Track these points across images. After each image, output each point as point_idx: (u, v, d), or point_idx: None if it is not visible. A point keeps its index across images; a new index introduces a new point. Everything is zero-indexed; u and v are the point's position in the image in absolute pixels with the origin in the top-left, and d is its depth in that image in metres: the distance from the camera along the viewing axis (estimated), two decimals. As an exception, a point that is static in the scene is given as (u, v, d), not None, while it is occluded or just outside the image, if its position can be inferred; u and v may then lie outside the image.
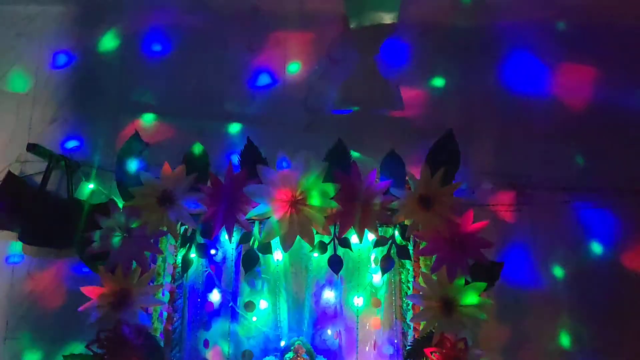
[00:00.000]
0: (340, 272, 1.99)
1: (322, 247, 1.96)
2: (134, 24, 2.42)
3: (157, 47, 2.41)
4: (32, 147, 2.16)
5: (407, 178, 1.95)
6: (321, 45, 2.37)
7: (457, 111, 2.29)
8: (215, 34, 2.41)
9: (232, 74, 2.36)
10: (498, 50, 2.36)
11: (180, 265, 2.05)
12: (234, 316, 2.13)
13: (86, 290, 1.89)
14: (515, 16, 2.37)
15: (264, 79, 2.37)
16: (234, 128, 2.31)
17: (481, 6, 2.33)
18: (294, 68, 2.37)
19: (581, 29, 2.37)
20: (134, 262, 1.91)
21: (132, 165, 2.01)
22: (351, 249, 1.98)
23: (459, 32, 2.37)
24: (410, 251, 2.01)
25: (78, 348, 2.01)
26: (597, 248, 2.18)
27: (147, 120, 2.32)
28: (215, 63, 2.38)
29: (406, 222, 1.94)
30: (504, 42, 2.37)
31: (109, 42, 2.41)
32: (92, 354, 1.85)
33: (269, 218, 1.88)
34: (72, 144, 2.29)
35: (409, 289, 2.05)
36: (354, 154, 2.03)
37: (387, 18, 2.25)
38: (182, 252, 2.05)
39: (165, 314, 2.04)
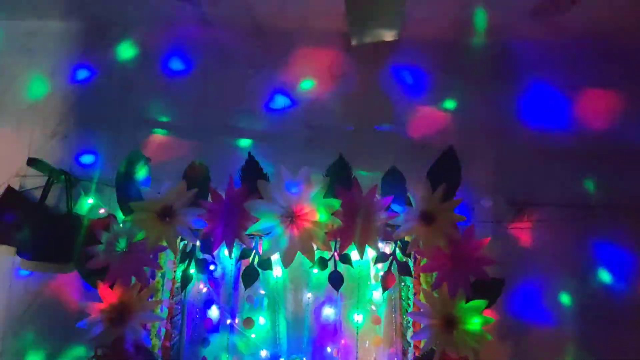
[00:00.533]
0: (340, 289, 1.98)
1: (323, 263, 1.96)
2: (145, 40, 2.45)
3: (160, 64, 2.43)
4: (32, 162, 2.15)
5: (408, 194, 1.95)
6: (326, 64, 2.39)
7: (459, 129, 2.31)
8: (218, 52, 2.43)
9: (234, 92, 2.38)
10: (506, 72, 2.40)
11: (179, 281, 2.04)
12: (232, 333, 2.11)
13: (85, 305, 1.88)
14: (524, 38, 2.41)
15: (269, 97, 2.39)
16: (238, 143, 2.32)
17: (491, 27, 2.35)
18: (304, 85, 2.39)
19: (590, 51, 2.40)
20: (133, 278, 1.90)
21: (133, 179, 2.00)
22: (352, 265, 1.97)
23: (467, 52, 2.41)
24: (411, 268, 2.00)
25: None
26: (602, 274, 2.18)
27: (150, 135, 2.33)
28: (218, 81, 2.40)
29: (407, 238, 1.94)
30: (512, 64, 2.40)
31: (114, 58, 2.43)
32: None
33: (269, 234, 1.87)
34: (73, 158, 2.29)
35: (410, 306, 2.04)
36: (362, 173, 2.04)
37: (389, 36, 2.26)
38: (181, 267, 2.04)
39: (163, 330, 2.02)
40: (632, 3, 2.19)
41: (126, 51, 2.43)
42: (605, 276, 2.16)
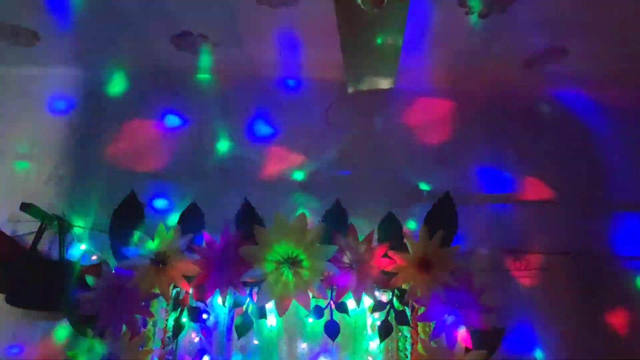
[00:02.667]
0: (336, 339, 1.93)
1: (318, 311, 1.92)
2: (142, 86, 2.48)
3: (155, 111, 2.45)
4: (26, 207, 2.13)
5: (405, 241, 1.93)
6: (321, 108, 2.43)
7: (455, 175, 2.32)
8: (215, 100, 2.46)
9: (229, 133, 2.40)
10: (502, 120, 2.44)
11: (170, 329, 1.99)
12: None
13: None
14: (515, 87, 2.46)
15: (262, 137, 2.41)
16: (231, 188, 2.31)
17: (485, 77, 2.40)
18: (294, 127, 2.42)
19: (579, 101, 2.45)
20: (123, 326, 1.85)
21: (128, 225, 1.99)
22: (348, 314, 1.93)
23: (460, 100, 2.45)
24: (409, 317, 1.96)
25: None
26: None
27: (142, 181, 2.31)
28: (212, 125, 2.42)
29: (404, 286, 1.91)
30: (506, 113, 2.44)
31: (111, 103, 2.45)
32: None
33: (264, 280, 1.84)
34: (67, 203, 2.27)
35: (407, 357, 1.98)
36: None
37: (384, 85, 2.30)
38: (173, 315, 2.00)
39: (153, 381, 1.96)
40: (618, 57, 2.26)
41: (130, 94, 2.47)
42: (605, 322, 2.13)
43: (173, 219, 2.00)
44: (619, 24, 2.08)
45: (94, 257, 2.14)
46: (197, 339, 2.10)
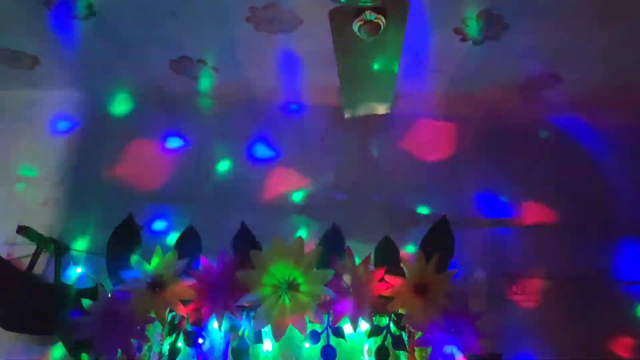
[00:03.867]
0: (332, 364, 1.92)
1: (315, 336, 1.90)
2: (140, 109, 2.50)
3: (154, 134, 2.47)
4: (22, 230, 2.13)
5: (401, 264, 1.93)
6: (316, 133, 2.45)
7: (452, 199, 2.33)
8: (214, 124, 2.48)
9: (228, 156, 2.41)
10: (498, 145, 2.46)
11: (166, 354, 1.97)
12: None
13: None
14: (512, 113, 2.48)
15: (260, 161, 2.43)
16: (229, 211, 2.31)
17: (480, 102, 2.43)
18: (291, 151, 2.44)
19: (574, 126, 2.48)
20: (119, 350, 1.83)
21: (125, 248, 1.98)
22: (345, 339, 1.92)
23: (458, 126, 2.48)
24: (405, 341, 1.95)
25: None
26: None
27: (140, 203, 2.31)
28: (211, 148, 2.44)
29: (401, 310, 1.90)
30: (503, 138, 2.47)
31: (109, 126, 2.47)
32: None
33: (260, 305, 1.84)
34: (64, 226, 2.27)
35: (404, 382, 1.97)
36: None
37: (381, 109, 2.33)
38: (168, 340, 1.98)
39: (147, 408, 1.94)
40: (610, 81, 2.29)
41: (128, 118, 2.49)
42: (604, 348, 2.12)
43: (170, 241, 2.00)
44: (610, 50, 2.12)
45: (90, 281, 2.13)
46: (192, 363, 2.08)
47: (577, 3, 1.89)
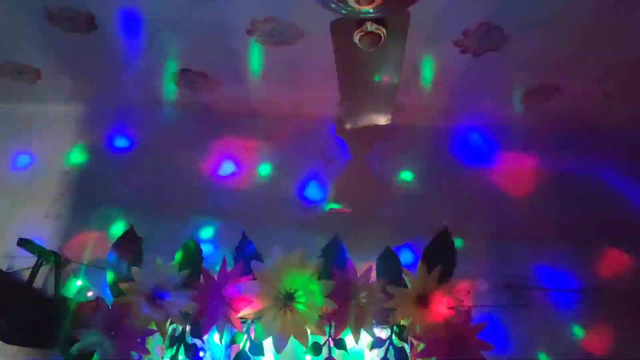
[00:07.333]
0: (334, 377, 1.90)
1: (316, 348, 1.89)
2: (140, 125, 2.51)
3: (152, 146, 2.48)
4: (23, 242, 2.12)
5: (403, 276, 1.93)
6: (316, 146, 2.46)
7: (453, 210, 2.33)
8: (214, 136, 2.49)
9: (229, 170, 2.42)
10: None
11: (166, 367, 1.96)
12: None
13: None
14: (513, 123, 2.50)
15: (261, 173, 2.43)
16: (229, 224, 2.31)
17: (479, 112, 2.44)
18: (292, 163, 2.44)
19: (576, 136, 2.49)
20: (119, 363, 1.82)
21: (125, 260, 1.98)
22: (347, 351, 1.91)
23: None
24: (408, 353, 1.93)
25: None
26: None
27: (142, 216, 2.31)
28: (210, 160, 2.45)
29: (403, 322, 1.89)
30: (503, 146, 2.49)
31: (109, 141, 2.49)
32: None
33: (261, 317, 1.82)
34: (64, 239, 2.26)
35: (407, 395, 1.95)
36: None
37: (381, 121, 2.33)
38: (169, 353, 1.97)
39: (147, 422, 1.92)
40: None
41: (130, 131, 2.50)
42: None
43: (171, 254, 1.99)
44: (610, 63, 2.13)
45: (90, 294, 2.12)
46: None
47: (576, 15, 1.90)
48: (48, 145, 2.47)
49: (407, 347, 1.95)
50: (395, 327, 1.93)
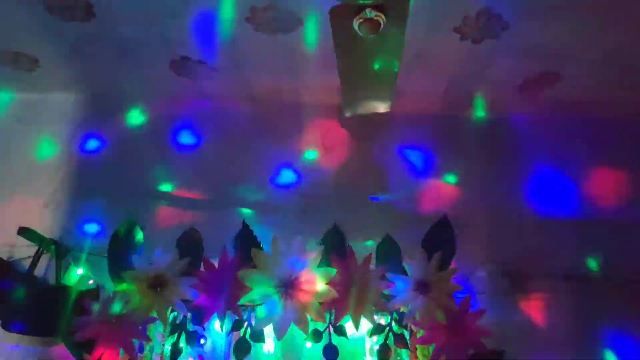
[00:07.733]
0: (334, 363, 1.91)
1: (317, 335, 1.90)
2: (148, 112, 2.52)
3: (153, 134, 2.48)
4: (23, 231, 2.12)
5: (403, 263, 1.93)
6: (319, 136, 2.47)
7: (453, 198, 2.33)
8: (216, 126, 2.50)
9: (230, 163, 2.42)
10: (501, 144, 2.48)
11: (168, 354, 1.97)
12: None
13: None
14: (515, 112, 2.51)
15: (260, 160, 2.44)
16: (232, 212, 2.31)
17: (482, 102, 2.45)
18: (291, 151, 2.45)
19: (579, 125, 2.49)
20: (121, 350, 1.83)
21: (127, 248, 1.98)
22: (347, 337, 1.92)
23: (458, 125, 2.49)
24: (408, 340, 1.95)
25: None
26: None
27: (142, 203, 2.32)
28: (214, 152, 2.45)
29: (403, 309, 1.90)
30: (505, 137, 2.48)
31: (115, 129, 2.49)
32: None
33: (262, 304, 1.83)
34: (65, 227, 2.27)
35: (406, 381, 1.97)
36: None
37: (381, 109, 2.33)
38: (170, 340, 1.98)
39: (149, 408, 1.94)
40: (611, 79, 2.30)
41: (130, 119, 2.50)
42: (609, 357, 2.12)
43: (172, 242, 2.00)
44: (610, 50, 2.13)
45: (91, 282, 2.13)
46: (194, 363, 2.08)
47: (576, 2, 1.89)
48: (47, 134, 2.46)
49: (406, 334, 1.96)
50: (394, 314, 1.94)
